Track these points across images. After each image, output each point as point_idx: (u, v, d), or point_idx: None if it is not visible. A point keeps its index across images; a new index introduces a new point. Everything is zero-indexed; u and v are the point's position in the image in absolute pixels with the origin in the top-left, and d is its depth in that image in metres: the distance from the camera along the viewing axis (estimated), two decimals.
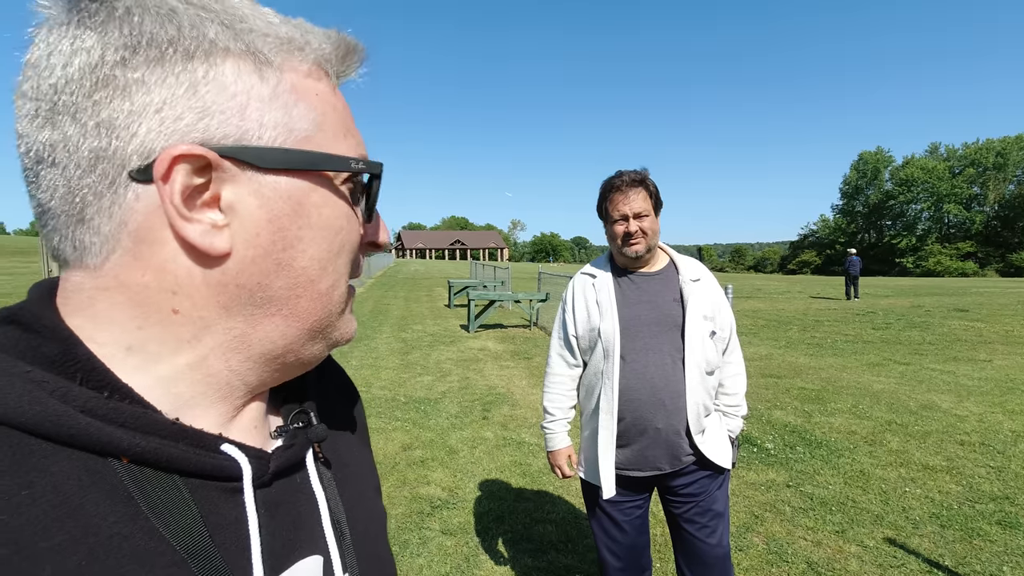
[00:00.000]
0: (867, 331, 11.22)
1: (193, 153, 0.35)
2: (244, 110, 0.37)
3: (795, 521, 3.42)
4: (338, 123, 0.43)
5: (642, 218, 1.90)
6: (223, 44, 0.37)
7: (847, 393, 6.38)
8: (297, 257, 0.40)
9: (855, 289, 18.44)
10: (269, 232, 0.39)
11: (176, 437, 0.37)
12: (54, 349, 0.36)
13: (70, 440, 0.33)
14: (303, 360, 0.45)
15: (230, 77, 0.37)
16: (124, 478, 0.35)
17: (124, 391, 0.36)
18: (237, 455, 0.40)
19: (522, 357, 8.57)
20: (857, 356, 8.65)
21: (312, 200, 0.40)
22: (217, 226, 0.37)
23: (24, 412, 0.32)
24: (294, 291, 0.41)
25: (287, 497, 0.45)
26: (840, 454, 4.49)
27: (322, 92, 0.42)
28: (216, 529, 0.38)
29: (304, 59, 0.41)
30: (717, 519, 1.98)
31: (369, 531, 0.54)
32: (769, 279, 38.88)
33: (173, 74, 0.35)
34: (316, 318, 0.43)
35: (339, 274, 0.43)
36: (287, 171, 0.39)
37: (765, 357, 8.55)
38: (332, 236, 0.42)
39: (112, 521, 0.34)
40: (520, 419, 5.45)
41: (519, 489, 3.89)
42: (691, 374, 1.88)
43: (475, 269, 24.34)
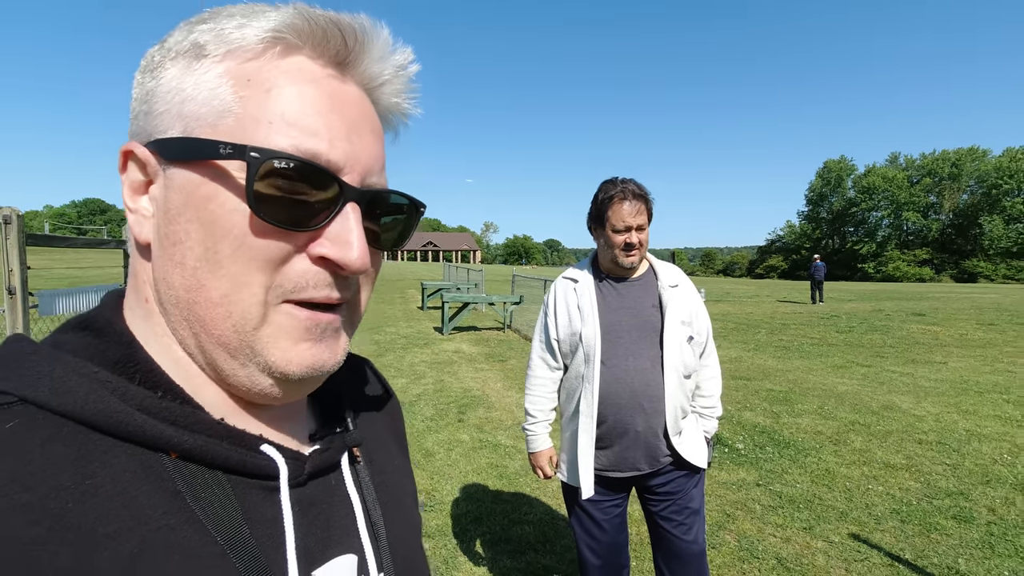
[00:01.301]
0: (831, 334, 11.58)
1: (128, 149, 0.40)
2: (169, 105, 0.39)
3: (765, 519, 3.53)
4: (266, 107, 0.38)
5: (642, 231, 1.95)
6: (176, 48, 0.40)
7: (813, 394, 6.59)
8: (186, 255, 0.38)
9: (820, 293, 19.00)
10: (164, 225, 0.39)
11: (220, 436, 0.40)
12: (118, 352, 0.39)
13: (127, 436, 0.36)
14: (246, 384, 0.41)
15: (169, 76, 0.39)
16: (173, 473, 0.37)
17: (176, 391, 0.40)
18: (275, 455, 0.42)
19: (496, 359, 8.59)
20: (822, 359, 8.93)
21: (201, 192, 0.37)
22: (145, 216, 0.40)
23: (89, 409, 0.35)
24: (189, 293, 0.38)
25: (321, 497, 0.46)
26: (807, 453, 4.64)
27: (259, 73, 0.38)
28: (254, 524, 0.40)
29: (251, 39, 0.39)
30: (693, 516, 2.04)
31: (405, 535, 0.54)
32: (738, 283, 39.76)
33: (147, 82, 0.41)
34: (219, 331, 0.39)
35: (236, 283, 0.38)
36: (180, 162, 0.38)
37: (735, 359, 8.76)
38: (221, 234, 0.37)
39: (162, 512, 0.36)
40: (496, 421, 5.47)
41: (496, 491, 3.92)
42: (669, 378, 1.94)
43: (448, 271, 24.27)
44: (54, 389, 0.35)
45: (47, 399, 0.35)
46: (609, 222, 1.96)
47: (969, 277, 59.96)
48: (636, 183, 1.98)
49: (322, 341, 0.41)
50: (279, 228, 0.38)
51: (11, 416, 0.34)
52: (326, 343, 0.42)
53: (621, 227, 1.94)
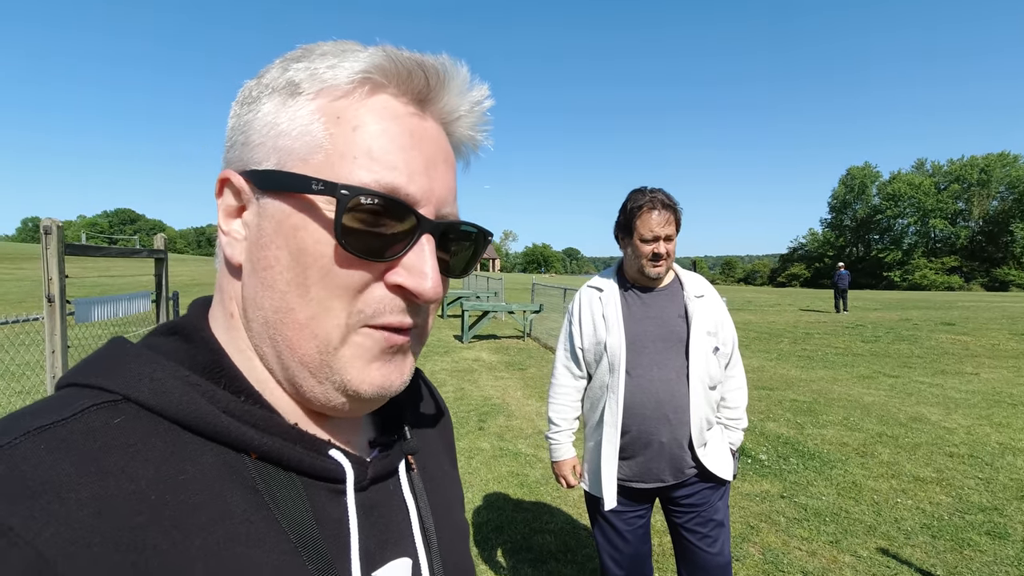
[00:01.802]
0: (856, 344, 11.37)
1: (225, 176, 0.44)
2: (266, 137, 0.42)
3: (790, 531, 3.47)
4: (353, 144, 0.40)
5: (670, 241, 1.95)
6: (272, 85, 0.43)
7: (838, 405, 6.47)
8: (276, 279, 0.41)
9: (844, 302, 18.67)
10: (256, 250, 0.42)
11: (295, 440, 0.43)
12: (206, 357, 0.43)
13: (214, 436, 0.40)
14: (321, 400, 0.43)
15: (265, 111, 0.43)
16: (252, 472, 0.41)
17: (256, 396, 0.43)
18: (342, 460, 0.45)
19: (516, 368, 8.60)
20: (847, 369, 8.77)
21: (291, 222, 0.41)
22: (236, 239, 0.44)
23: (182, 410, 0.39)
24: (278, 315, 0.42)
25: (381, 501, 0.49)
26: (832, 465, 4.55)
27: (347, 112, 0.41)
28: (322, 524, 0.43)
29: (342, 79, 0.41)
30: (718, 528, 2.02)
31: (454, 541, 0.56)
32: (759, 292, 39.22)
33: (244, 115, 0.44)
34: (303, 351, 0.41)
35: (322, 307, 0.41)
36: (273, 192, 0.41)
37: (757, 369, 8.64)
38: (309, 262, 0.40)
39: (243, 508, 0.39)
40: (516, 430, 5.47)
41: (517, 499, 3.92)
42: (695, 389, 1.92)
43: (468, 279, 24.34)
44: (153, 390, 0.39)
45: (147, 399, 0.38)
46: (637, 231, 1.95)
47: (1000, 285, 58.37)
48: (665, 193, 1.98)
49: (392, 362, 0.44)
50: (361, 259, 0.41)
51: (117, 413, 0.38)
52: (395, 364, 0.45)
53: (649, 237, 1.93)
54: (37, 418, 0.36)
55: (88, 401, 0.37)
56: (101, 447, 0.36)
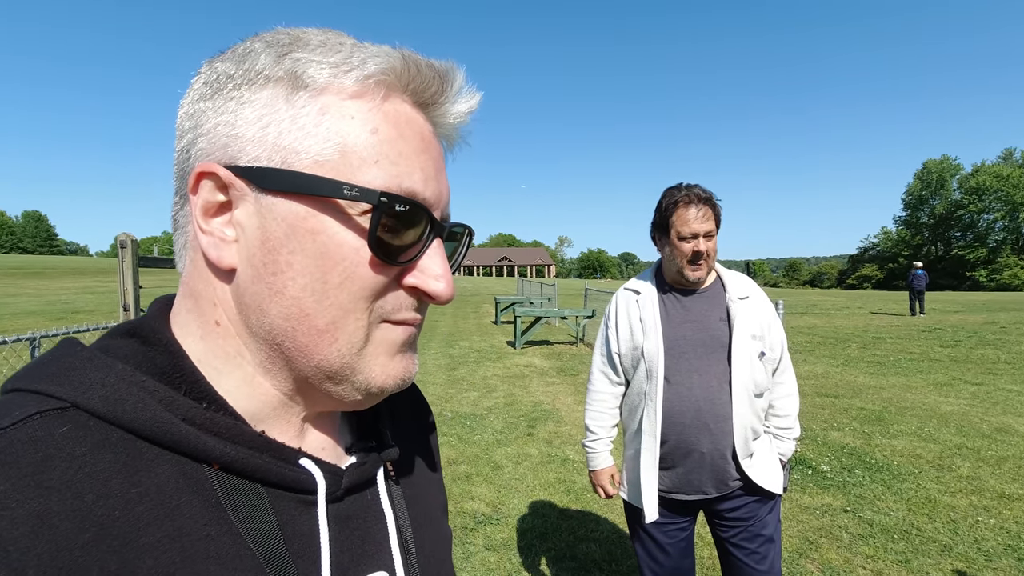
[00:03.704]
0: (934, 349, 10.62)
1: (209, 170, 0.39)
2: (263, 132, 0.39)
3: (853, 548, 3.26)
4: (379, 147, 0.40)
5: (709, 238, 1.85)
6: (266, 73, 0.39)
7: (911, 414, 6.05)
8: (288, 285, 0.39)
9: (920, 304, 17.51)
10: (261, 253, 0.39)
11: (261, 448, 0.40)
12: (165, 361, 0.40)
13: (172, 445, 0.37)
14: (334, 398, 0.43)
15: (260, 103, 0.39)
16: (214, 484, 0.38)
17: (220, 403, 0.41)
18: (313, 469, 0.43)
19: (568, 373, 8.53)
20: (923, 375, 8.20)
21: (308, 225, 0.39)
22: (225, 240, 0.40)
23: (137, 418, 0.36)
24: (289, 322, 0.39)
25: (357, 512, 0.47)
26: (903, 479, 4.26)
27: (363, 113, 0.40)
28: (290, 538, 0.41)
29: (350, 80, 0.40)
30: (768, 545, 1.92)
31: (435, 551, 0.54)
32: (826, 294, 37.35)
33: (223, 102, 0.40)
34: (321, 356, 0.40)
35: (343, 311, 0.40)
36: (283, 193, 0.38)
37: (821, 375, 8.21)
38: (329, 266, 0.39)
39: (203, 524, 0.37)
40: (565, 436, 5.42)
41: (563, 507, 3.87)
42: (738, 397, 1.83)
43: (522, 286, 24.40)
44: (104, 397, 0.36)
45: (97, 406, 0.36)
46: (674, 229, 1.87)
47: None
48: (702, 187, 1.89)
49: (408, 354, 0.45)
50: (386, 263, 0.40)
51: (64, 422, 0.35)
52: (410, 355, 0.45)
53: (687, 234, 1.84)
54: None
55: (32, 408, 0.35)
56: (43, 459, 0.33)
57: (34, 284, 30.79)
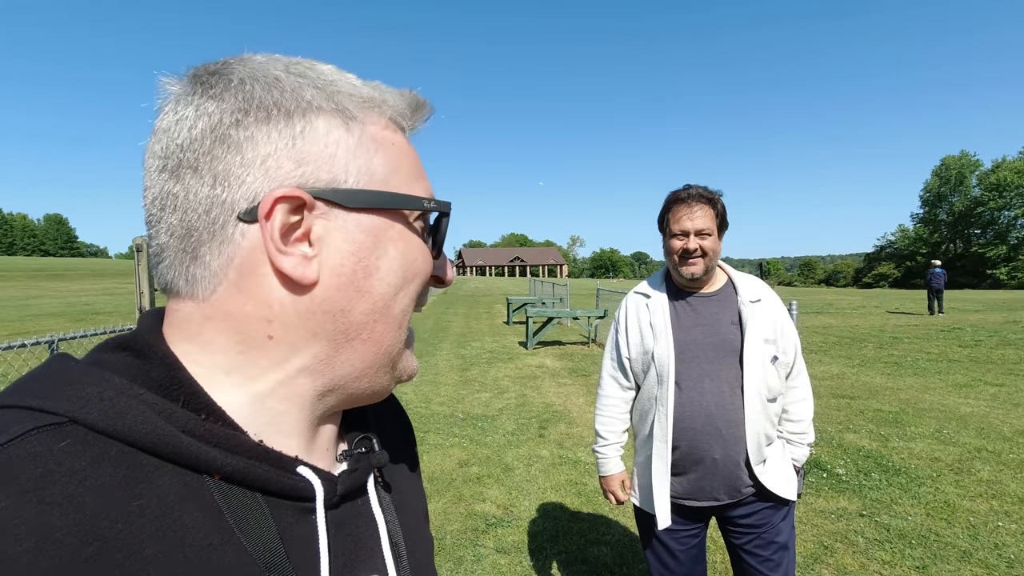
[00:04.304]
0: (953, 349, 10.44)
1: (291, 195, 0.40)
2: (333, 158, 0.43)
3: (869, 554, 3.22)
4: (411, 169, 0.48)
5: (704, 236, 1.82)
6: (317, 104, 0.43)
7: (929, 416, 5.96)
8: (376, 284, 0.45)
9: (939, 303, 17.22)
10: (352, 262, 0.43)
11: (260, 458, 0.41)
12: (162, 374, 0.41)
13: (173, 457, 0.38)
14: (374, 389, 0.48)
15: (322, 131, 0.43)
16: (215, 494, 0.39)
17: (218, 414, 0.41)
18: (312, 477, 0.44)
19: (580, 374, 8.50)
20: (941, 376, 8.06)
21: (389, 235, 0.45)
22: (307, 258, 0.42)
23: (137, 431, 0.37)
24: (371, 316, 0.45)
25: (350, 519, 0.48)
26: (921, 482, 4.19)
27: (397, 142, 0.48)
28: (290, 545, 0.41)
29: (382, 114, 0.47)
30: (781, 552, 1.89)
31: (421, 555, 0.56)
32: (842, 293, 36.87)
33: (276, 130, 0.41)
34: (390, 343, 0.47)
35: (410, 300, 0.48)
36: (368, 210, 0.44)
37: (836, 376, 8.11)
38: (407, 266, 0.47)
39: (204, 533, 0.37)
40: (577, 437, 5.40)
41: (574, 509, 3.86)
42: (750, 402, 1.80)
43: (534, 286, 24.39)
44: (104, 411, 0.36)
45: (96, 420, 0.36)
46: (668, 227, 1.87)
47: None
48: (706, 188, 1.87)
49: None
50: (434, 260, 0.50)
51: (62, 436, 0.35)
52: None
53: (677, 231, 1.83)
54: None
55: (29, 424, 0.35)
56: (43, 474, 0.33)
57: (56, 286, 31.52)
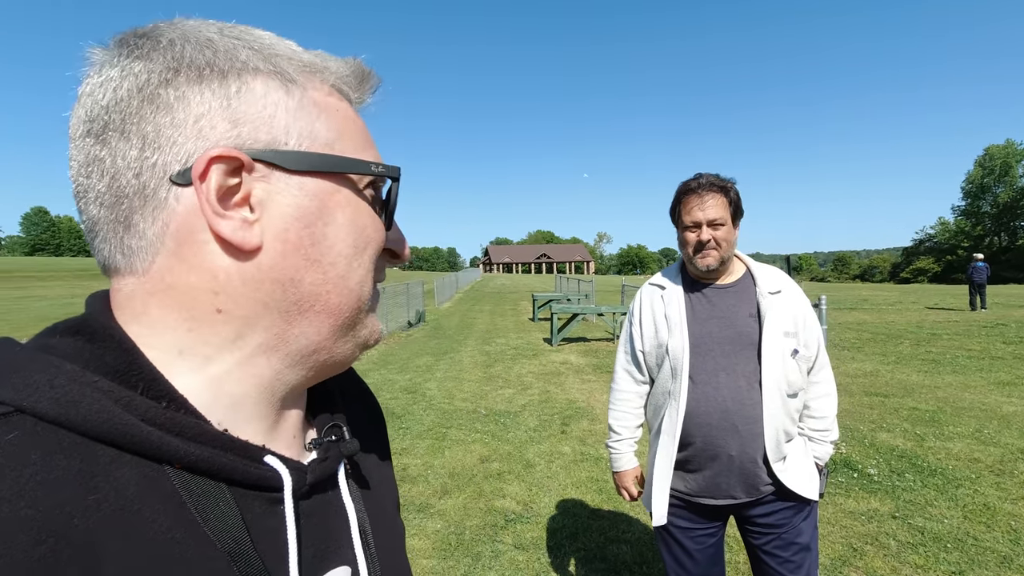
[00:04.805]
0: (996, 345, 10.01)
1: (227, 155, 0.38)
2: (272, 119, 0.41)
3: (901, 557, 3.09)
4: (358, 136, 0.46)
5: (717, 226, 1.76)
6: (253, 65, 0.41)
7: (969, 415, 5.72)
8: (325, 252, 0.43)
9: (982, 299, 16.56)
10: (297, 228, 0.41)
11: (225, 447, 0.39)
12: (118, 359, 0.38)
13: (132, 448, 0.36)
14: (336, 359, 0.47)
15: (259, 92, 0.41)
16: (177, 485, 0.37)
17: (180, 401, 0.39)
18: (279, 467, 0.42)
19: (604, 371, 8.42)
20: (983, 374, 7.73)
21: (336, 200, 0.43)
22: (248, 222, 0.40)
23: (92, 421, 0.34)
24: (323, 286, 0.43)
25: (319, 508, 0.46)
26: (959, 484, 4.02)
27: (342, 109, 0.46)
28: (257, 536, 0.40)
29: (324, 81, 0.45)
30: (803, 553, 1.82)
31: (392, 545, 0.55)
32: (878, 289, 35.76)
33: (210, 90, 0.39)
34: (347, 314, 0.45)
35: (365, 270, 0.46)
36: (312, 173, 0.42)
37: (870, 374, 7.85)
38: (357, 233, 0.45)
39: (167, 526, 0.36)
40: (599, 434, 5.35)
41: (594, 506, 3.81)
42: (769, 397, 1.73)
43: (560, 282, 24.32)
44: (55, 399, 0.34)
45: (47, 409, 0.34)
46: (680, 219, 1.81)
47: None
48: (717, 176, 1.80)
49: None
50: (386, 229, 0.49)
51: (9, 428, 0.33)
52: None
53: (689, 223, 1.77)
54: None
55: None
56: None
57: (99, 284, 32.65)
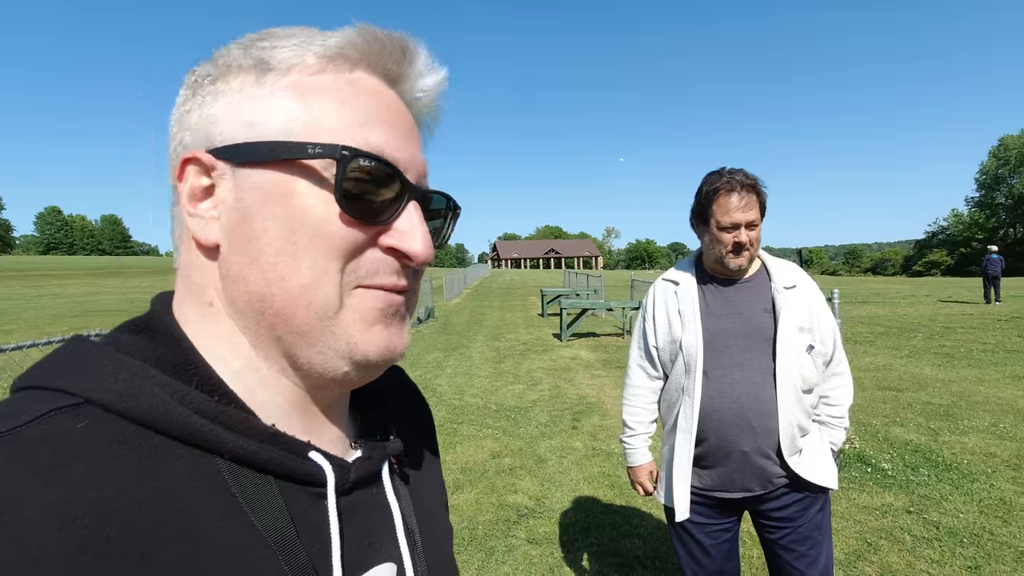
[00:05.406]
0: (1011, 339, 9.89)
1: (191, 156, 0.41)
2: (236, 114, 0.41)
3: (916, 552, 3.08)
4: (338, 114, 0.41)
5: (753, 228, 1.74)
6: (236, 63, 0.42)
7: (984, 409, 5.66)
8: (264, 250, 0.40)
9: (996, 291, 16.36)
10: (239, 223, 0.40)
11: (272, 441, 0.41)
12: (174, 355, 0.41)
13: (186, 438, 0.38)
14: (318, 371, 0.43)
15: (233, 88, 0.42)
16: (227, 476, 0.39)
17: (230, 396, 0.41)
18: (323, 462, 0.43)
19: (614, 366, 8.42)
20: (998, 367, 7.65)
21: (281, 190, 0.40)
22: (211, 219, 0.42)
23: (151, 412, 0.37)
24: (268, 287, 0.40)
25: (364, 505, 0.47)
26: (975, 479, 3.99)
27: (329, 85, 0.42)
28: (301, 530, 0.41)
29: (313, 56, 0.42)
30: (819, 547, 1.82)
31: (439, 544, 0.55)
32: (890, 282, 35.44)
33: (200, 96, 0.43)
34: (300, 320, 0.40)
35: (319, 272, 0.40)
36: (257, 163, 0.40)
37: (883, 368, 7.80)
38: (299, 226, 0.40)
39: (217, 516, 0.37)
40: (610, 429, 5.35)
41: (607, 501, 3.82)
42: (784, 393, 1.73)
43: (568, 278, 24.30)
44: (119, 392, 0.37)
45: (112, 401, 0.36)
46: (714, 218, 1.76)
47: None
48: (746, 172, 1.76)
49: (392, 325, 0.44)
50: (357, 221, 0.41)
51: (81, 417, 0.35)
52: (395, 327, 0.44)
53: (728, 224, 1.73)
54: None
55: (47, 405, 0.35)
56: (62, 455, 0.33)
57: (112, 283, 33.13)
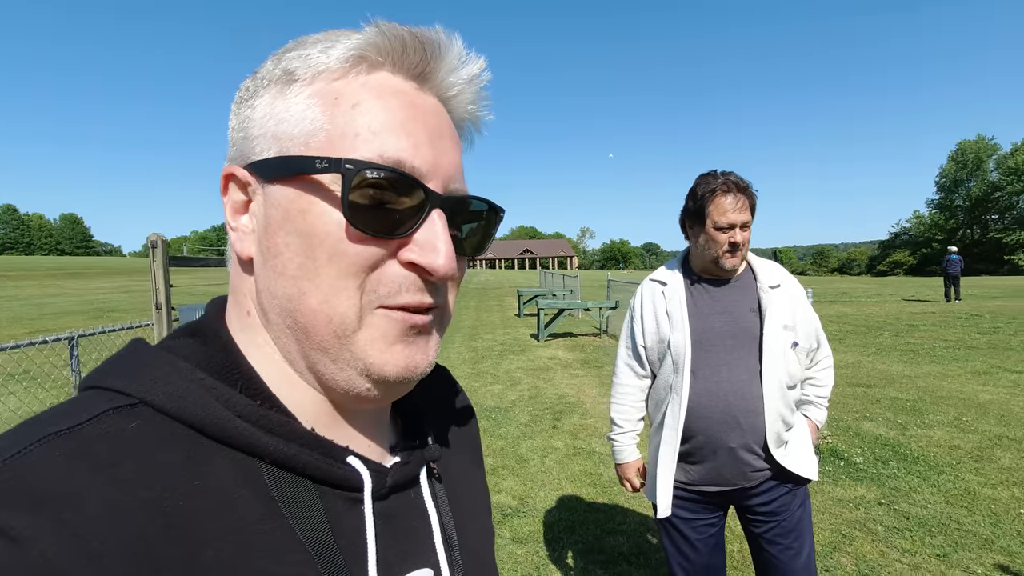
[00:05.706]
0: (971, 336, 10.29)
1: (229, 172, 0.43)
2: (265, 127, 0.42)
3: (889, 542, 3.19)
4: (354, 121, 0.40)
5: (746, 228, 1.79)
6: (268, 77, 0.43)
7: (948, 404, 5.89)
8: (286, 265, 0.40)
9: (956, 290, 16.99)
10: (267, 238, 0.41)
11: (311, 446, 0.41)
12: (222, 359, 0.42)
13: (228, 441, 0.39)
14: (341, 386, 0.42)
15: (265, 102, 0.42)
16: (267, 479, 0.39)
17: (273, 400, 0.42)
18: (360, 467, 0.43)
19: (592, 365, 8.49)
20: (960, 363, 7.96)
21: (297, 206, 0.40)
22: (246, 232, 0.43)
23: (198, 415, 0.38)
24: (291, 302, 0.41)
25: (401, 511, 0.47)
26: (941, 470, 4.15)
27: (345, 91, 0.41)
28: (338, 534, 0.41)
29: (335, 61, 0.41)
30: (801, 539, 1.87)
31: (478, 549, 0.55)
32: (856, 282, 36.46)
33: (242, 112, 0.44)
34: (320, 336, 0.40)
35: (334, 288, 0.39)
36: (278, 179, 0.41)
37: (852, 365, 8.03)
38: (317, 243, 0.39)
39: (258, 517, 0.38)
40: (590, 428, 5.40)
41: (590, 499, 3.86)
42: (769, 391, 1.77)
43: (544, 278, 24.38)
44: (168, 394, 0.38)
45: (162, 403, 0.38)
46: (711, 219, 1.80)
47: None
48: (738, 175, 1.82)
49: (415, 343, 0.42)
50: (371, 236, 0.39)
51: (133, 417, 0.37)
52: (419, 346, 0.43)
53: (724, 224, 1.77)
54: (54, 423, 0.35)
55: (105, 405, 0.37)
56: (116, 453, 0.35)
57: (73, 284, 32.04)
